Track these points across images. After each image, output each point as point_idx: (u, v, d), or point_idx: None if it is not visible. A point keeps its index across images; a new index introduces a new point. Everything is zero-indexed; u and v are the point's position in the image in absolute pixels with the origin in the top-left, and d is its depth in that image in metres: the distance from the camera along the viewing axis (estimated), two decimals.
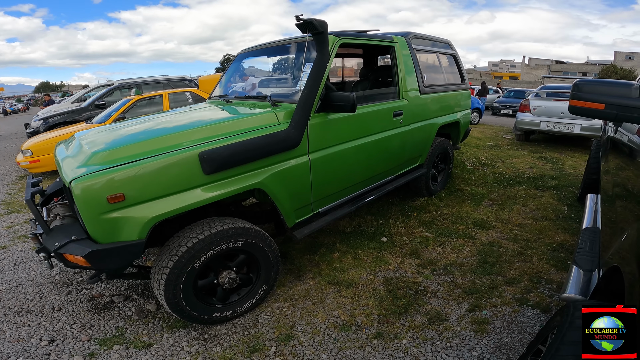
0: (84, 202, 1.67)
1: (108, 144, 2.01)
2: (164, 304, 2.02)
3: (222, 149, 1.94)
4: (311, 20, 2.16)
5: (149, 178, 1.78)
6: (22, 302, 2.50)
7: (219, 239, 2.00)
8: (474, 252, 3.07)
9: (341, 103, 2.27)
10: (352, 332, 2.21)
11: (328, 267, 2.87)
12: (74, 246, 1.77)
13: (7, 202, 4.71)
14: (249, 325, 2.27)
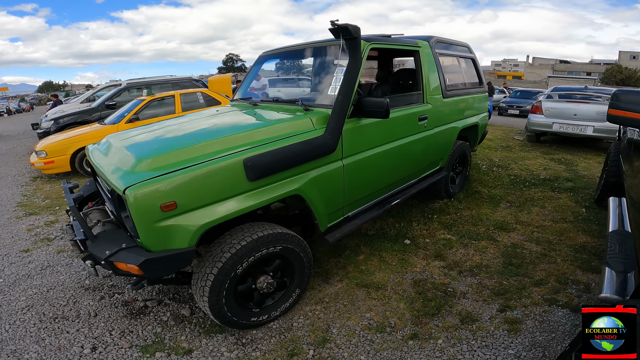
0: (139, 210, 1.68)
1: (153, 150, 2.02)
2: (207, 310, 2.03)
3: (265, 155, 1.95)
4: (346, 26, 2.17)
5: (198, 185, 1.79)
6: (56, 308, 2.51)
7: (259, 244, 2.02)
8: (497, 254, 3.10)
9: (375, 109, 2.29)
10: (387, 334, 2.24)
11: (355, 270, 2.90)
12: (126, 254, 1.78)
13: (24, 204, 4.71)
14: (284, 329, 2.30)
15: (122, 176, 1.84)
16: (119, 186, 1.75)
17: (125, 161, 1.98)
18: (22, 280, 2.85)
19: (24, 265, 3.09)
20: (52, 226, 3.93)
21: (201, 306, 2.07)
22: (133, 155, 1.99)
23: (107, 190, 2.18)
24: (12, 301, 2.58)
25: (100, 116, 7.51)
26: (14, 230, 3.87)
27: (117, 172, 1.92)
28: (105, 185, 2.20)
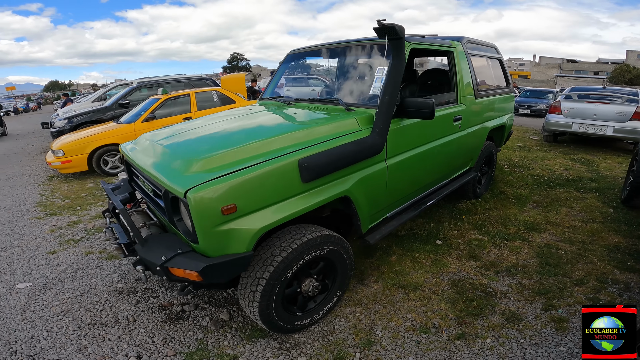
0: (200, 214, 1.62)
1: (204, 150, 1.96)
2: (255, 315, 1.98)
3: (320, 156, 1.91)
4: (393, 26, 2.14)
5: (256, 187, 1.75)
6: (93, 313, 2.45)
7: (309, 247, 1.98)
8: (532, 254, 3.07)
9: (420, 109, 2.25)
10: (432, 334, 2.22)
11: (389, 271, 2.87)
12: (183, 260, 1.72)
13: (43, 204, 4.68)
14: (326, 332, 2.27)
15: (177, 177, 1.78)
16: (178, 188, 1.68)
17: (176, 161, 1.92)
18: (52, 283, 2.81)
19: (52, 267, 3.05)
20: (75, 227, 3.90)
21: (248, 311, 2.03)
22: (184, 155, 1.94)
23: (151, 191, 2.14)
24: (46, 306, 2.53)
25: (113, 115, 7.48)
26: (37, 231, 3.83)
27: (170, 173, 1.86)
28: (149, 186, 2.16)
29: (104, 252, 3.28)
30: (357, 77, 2.79)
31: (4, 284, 2.81)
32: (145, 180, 2.18)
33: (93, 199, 4.81)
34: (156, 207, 2.12)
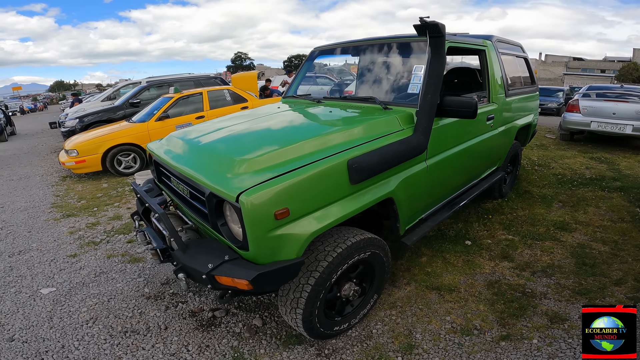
0: (254, 219, 1.53)
1: (249, 149, 1.88)
2: (297, 322, 1.91)
3: (369, 156, 1.84)
4: (436, 23, 2.07)
5: (307, 189, 1.67)
6: (123, 320, 2.37)
7: (352, 251, 1.91)
8: (566, 254, 3.00)
9: (462, 108, 2.17)
10: (475, 336, 2.16)
11: (420, 272, 2.80)
12: (232, 268, 1.64)
13: (59, 205, 4.63)
14: (364, 336, 2.20)
15: (224, 179, 1.68)
16: (228, 191, 1.58)
17: (219, 162, 1.83)
18: (77, 288, 2.73)
19: (75, 271, 2.98)
20: (94, 228, 3.84)
21: (289, 318, 1.95)
22: (228, 155, 1.85)
23: (187, 193, 2.05)
24: (73, 313, 2.45)
25: (124, 114, 7.43)
26: (55, 233, 3.77)
27: (214, 174, 1.76)
28: (184, 188, 2.08)
29: (126, 255, 3.22)
30: (390, 76, 2.72)
31: (27, 289, 2.74)
32: (180, 181, 2.10)
33: (109, 199, 4.75)
34: (192, 210, 2.04)
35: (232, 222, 1.72)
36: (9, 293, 2.69)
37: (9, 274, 2.97)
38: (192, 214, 2.06)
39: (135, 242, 3.43)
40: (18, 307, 2.52)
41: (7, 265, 3.12)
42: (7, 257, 3.25)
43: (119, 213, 4.24)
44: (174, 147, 2.33)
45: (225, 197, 1.60)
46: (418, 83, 2.33)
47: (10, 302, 2.59)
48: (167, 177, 2.39)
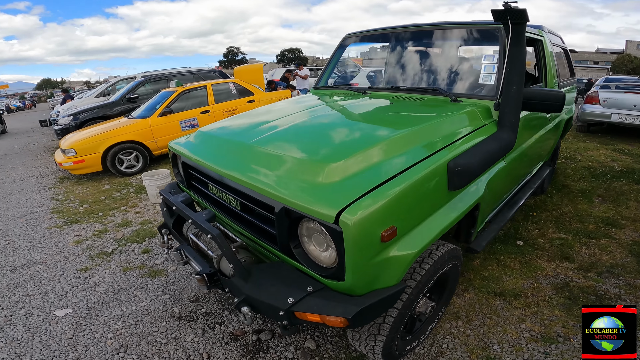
0: (359, 243, 1.22)
1: (330, 151, 1.57)
2: (376, 350, 1.64)
3: (468, 157, 1.56)
4: (523, 9, 1.79)
5: (411, 200, 1.37)
6: (159, 349, 2.05)
7: (439, 266, 1.65)
8: (625, 253, 2.82)
9: (549, 101, 1.93)
10: (561, 344, 1.98)
11: (477, 277, 2.57)
12: (322, 303, 1.32)
13: (59, 210, 4.23)
14: (435, 353, 1.97)
15: (308, 191, 1.35)
16: (321, 208, 1.24)
17: (294, 167, 1.49)
18: (96, 309, 2.39)
19: (89, 288, 2.63)
20: (102, 237, 3.47)
21: (363, 345, 1.68)
22: (304, 157, 1.52)
23: (236, 205, 1.72)
24: (99, 339, 2.12)
25: (122, 110, 7.00)
26: (60, 242, 3.40)
27: (288, 183, 1.42)
28: (228, 197, 1.75)
29: (144, 268, 2.88)
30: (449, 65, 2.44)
31: (39, 311, 2.39)
32: (226, 190, 1.77)
33: (114, 203, 4.38)
34: (245, 226, 1.72)
35: (315, 244, 1.40)
36: (18, 316, 2.34)
37: (14, 293, 2.60)
38: (243, 229, 1.74)
39: (152, 252, 3.10)
40: (33, 333, 2.17)
41: (11, 282, 2.75)
42: (9, 272, 2.88)
43: (127, 218, 3.88)
44: (213, 146, 1.98)
45: (313, 216, 1.27)
46: (491, 73, 2.10)
47: (21, 326, 2.24)
48: (202, 183, 2.05)
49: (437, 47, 2.54)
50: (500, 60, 2.07)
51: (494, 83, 2.07)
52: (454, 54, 2.44)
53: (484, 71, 2.13)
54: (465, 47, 2.41)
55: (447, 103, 2.08)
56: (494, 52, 2.16)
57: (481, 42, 2.33)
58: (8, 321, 2.28)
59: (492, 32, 2.19)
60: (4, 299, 2.52)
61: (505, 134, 1.79)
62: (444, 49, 2.49)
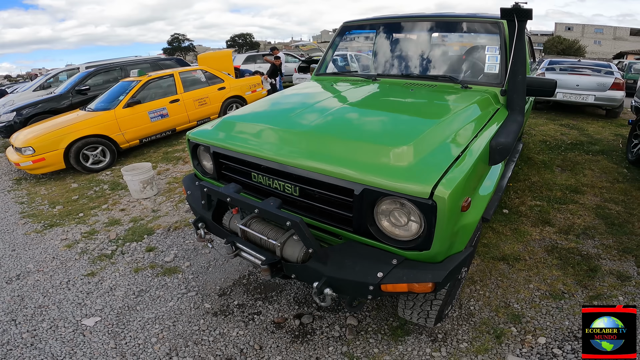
0: (448, 214, 1.35)
1: (396, 133, 1.69)
2: (430, 315, 1.84)
3: (504, 135, 1.76)
4: (530, 10, 2.03)
5: (474, 175, 1.55)
6: (209, 347, 2.05)
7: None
8: (593, 216, 3.28)
9: (543, 88, 2.24)
10: (567, 299, 2.29)
11: (478, 244, 2.85)
12: (410, 272, 1.44)
13: (31, 214, 3.84)
14: (466, 315, 2.22)
15: (392, 171, 1.45)
16: (413, 185, 1.36)
17: (362, 150, 1.57)
18: (125, 314, 2.30)
19: (107, 293, 2.50)
20: (94, 238, 3.25)
21: (413, 314, 1.86)
22: (370, 141, 1.62)
23: (294, 191, 1.75)
24: (145, 346, 2.06)
25: (71, 103, 6.37)
26: (48, 248, 3.13)
27: (365, 166, 1.51)
28: (289, 185, 1.77)
29: (155, 267, 2.78)
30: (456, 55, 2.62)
31: (64, 322, 2.24)
32: (279, 178, 1.79)
33: (90, 201, 4.07)
34: (302, 211, 1.77)
35: (392, 219, 1.51)
36: (43, 329, 2.17)
37: (23, 305, 2.40)
38: (302, 215, 1.77)
39: (157, 250, 2.99)
40: (71, 346, 2.05)
41: (13, 294, 2.52)
42: (6, 285, 2.62)
43: (114, 217, 3.66)
44: (258, 135, 1.92)
45: (405, 194, 1.38)
46: (495, 63, 2.35)
47: (54, 340, 2.09)
48: (242, 173, 2.02)
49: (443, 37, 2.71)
50: (502, 51, 2.33)
51: (498, 72, 2.32)
52: (460, 44, 2.64)
53: (488, 61, 2.38)
54: (470, 38, 2.61)
55: (459, 90, 2.29)
56: (497, 43, 2.39)
57: (484, 34, 2.54)
58: (35, 337, 2.12)
59: (495, 26, 2.42)
60: (16, 313, 2.32)
61: (518, 116, 2.05)
62: (451, 40, 2.68)
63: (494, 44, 2.40)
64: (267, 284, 2.53)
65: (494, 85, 2.30)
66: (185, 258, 2.88)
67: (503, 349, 1.95)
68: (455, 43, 2.65)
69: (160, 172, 4.81)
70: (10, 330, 2.18)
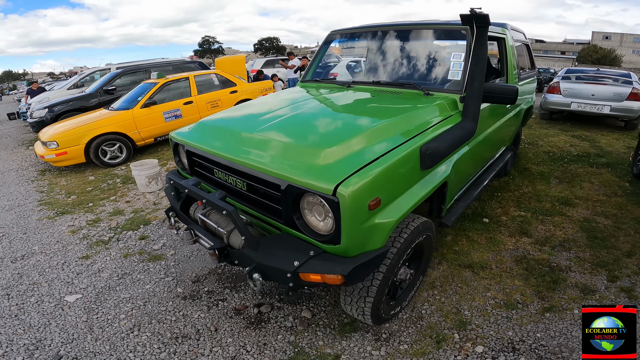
0: (352, 211, 1.49)
1: (324, 137, 1.83)
2: (364, 312, 1.92)
3: (437, 142, 1.86)
4: (486, 15, 2.10)
5: (392, 177, 1.67)
6: (169, 325, 2.26)
7: (415, 235, 1.94)
8: (576, 229, 3.21)
9: (504, 95, 2.24)
10: (520, 309, 2.29)
11: (449, 251, 2.90)
12: (322, 264, 1.59)
13: (47, 202, 4.27)
14: (415, 317, 2.27)
15: (309, 170, 1.61)
16: (321, 183, 1.52)
17: (295, 151, 1.74)
18: (105, 293, 2.57)
19: (94, 274, 2.79)
20: (97, 226, 3.59)
21: (353, 308, 1.96)
22: (304, 143, 1.77)
23: (243, 186, 1.94)
24: (112, 320, 2.31)
25: (99, 102, 6.91)
26: (55, 233, 3.49)
27: (291, 165, 1.67)
28: (239, 181, 1.96)
29: (143, 254, 3.05)
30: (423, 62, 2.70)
31: (49, 298, 2.54)
32: (232, 174, 2.00)
33: (102, 193, 4.45)
34: (250, 204, 1.95)
35: (314, 215, 1.67)
36: (30, 303, 2.48)
37: (20, 282, 2.73)
38: (248, 208, 1.97)
39: (149, 238, 3.26)
40: (48, 318, 2.33)
41: (14, 272, 2.86)
42: (10, 263, 2.98)
43: (119, 208, 3.99)
44: (219, 136, 2.16)
45: (314, 190, 1.54)
46: (458, 70, 2.38)
47: (35, 313, 2.39)
48: (206, 169, 2.25)
49: (412, 45, 2.79)
50: (467, 58, 2.36)
51: (460, 78, 2.36)
52: (427, 51, 2.70)
53: (453, 68, 2.42)
54: (437, 46, 2.68)
55: (420, 96, 2.36)
56: (462, 50, 2.43)
57: (451, 41, 2.61)
58: (21, 309, 2.43)
59: (460, 33, 2.48)
60: (12, 288, 2.65)
61: (468, 123, 2.10)
62: (418, 47, 2.75)
63: (460, 51, 2.45)
64: (238, 274, 2.72)
65: (454, 92, 2.34)
66: (171, 247, 3.13)
67: (440, 355, 2.00)
68: (426, 50, 2.72)
69: (170, 169, 5.15)
70: (2, 303, 2.49)
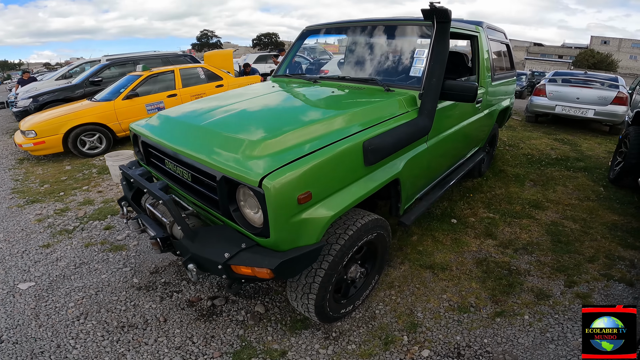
0: (278, 204, 1.47)
1: (264, 131, 1.80)
2: (308, 308, 1.91)
3: (382, 138, 1.84)
4: (445, 9, 2.06)
5: (327, 172, 1.64)
6: (118, 315, 2.25)
7: (362, 233, 1.92)
8: (542, 232, 3.21)
9: (463, 92, 2.21)
10: (472, 313, 2.29)
11: (413, 251, 2.89)
12: (251, 256, 1.58)
13: (20, 190, 4.24)
14: (368, 317, 2.26)
15: (241, 163, 1.59)
16: (248, 175, 1.49)
17: (231, 143, 1.72)
18: (58, 282, 2.55)
19: (51, 263, 2.77)
20: (64, 215, 3.57)
21: (299, 304, 1.94)
22: (240, 135, 1.74)
23: (188, 177, 1.94)
24: (60, 309, 2.29)
25: (84, 93, 6.87)
26: (22, 221, 3.47)
27: (228, 157, 1.65)
28: (182, 171, 1.96)
29: (105, 243, 3.03)
30: (388, 58, 2.68)
31: (3, 285, 2.52)
32: (179, 164, 1.98)
33: (75, 183, 4.42)
34: (194, 195, 1.94)
35: (248, 207, 1.65)
36: None
37: None
38: (194, 198, 1.96)
39: (114, 229, 3.25)
40: None
41: None
42: None
43: (90, 197, 3.97)
44: (169, 127, 2.16)
45: (243, 182, 1.52)
46: (420, 66, 2.34)
47: None
48: (159, 159, 2.24)
49: (378, 40, 2.76)
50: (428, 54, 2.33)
51: (421, 75, 2.31)
52: (391, 47, 2.68)
53: (415, 64, 2.39)
54: (401, 42, 2.65)
55: (381, 92, 2.33)
56: (426, 47, 2.39)
57: (415, 37, 2.57)
58: None
59: (424, 28, 2.45)
60: None
61: (421, 121, 2.08)
62: (383, 43, 2.73)
63: (424, 48, 2.41)
64: None
65: (414, 89, 2.30)
66: (135, 238, 3.11)
67: (386, 357, 1.99)
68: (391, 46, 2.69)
69: None
70: None
